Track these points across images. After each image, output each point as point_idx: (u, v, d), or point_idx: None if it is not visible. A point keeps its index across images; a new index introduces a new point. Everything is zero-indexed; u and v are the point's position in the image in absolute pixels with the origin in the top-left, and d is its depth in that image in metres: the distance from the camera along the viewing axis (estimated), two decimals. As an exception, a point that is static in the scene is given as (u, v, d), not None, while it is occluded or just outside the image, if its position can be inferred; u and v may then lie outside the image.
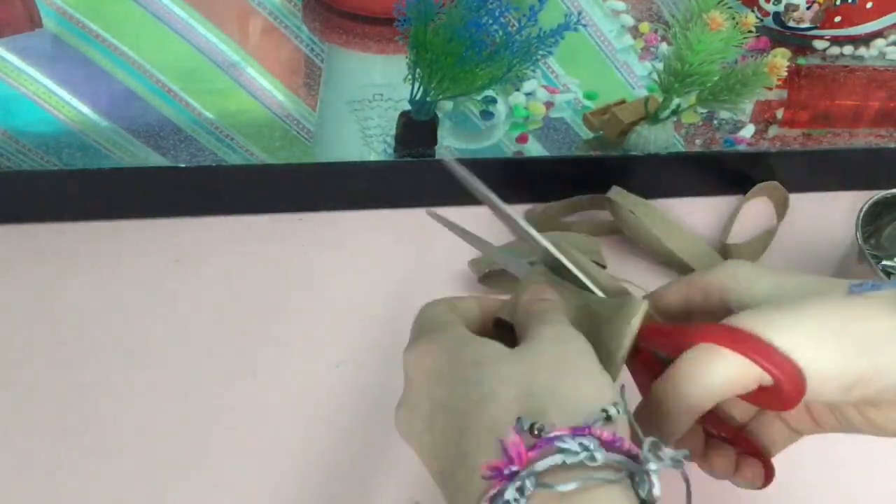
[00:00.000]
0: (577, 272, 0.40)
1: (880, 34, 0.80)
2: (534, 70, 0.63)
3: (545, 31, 0.59)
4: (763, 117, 0.72)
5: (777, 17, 0.77)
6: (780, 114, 0.72)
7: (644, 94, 0.71)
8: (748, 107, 0.73)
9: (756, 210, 0.67)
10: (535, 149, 0.67)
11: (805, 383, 0.33)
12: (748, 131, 0.70)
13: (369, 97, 0.69)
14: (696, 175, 0.67)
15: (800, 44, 0.79)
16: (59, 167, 0.61)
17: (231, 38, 0.72)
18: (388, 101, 0.69)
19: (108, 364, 0.54)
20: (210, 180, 0.61)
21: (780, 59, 0.59)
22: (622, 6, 0.79)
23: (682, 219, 0.65)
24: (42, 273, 0.58)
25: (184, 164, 0.61)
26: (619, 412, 0.30)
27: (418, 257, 0.61)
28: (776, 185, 0.67)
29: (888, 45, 0.80)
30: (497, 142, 0.68)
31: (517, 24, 0.59)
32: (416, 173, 0.64)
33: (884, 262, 0.62)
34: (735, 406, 0.41)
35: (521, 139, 0.68)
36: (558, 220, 0.64)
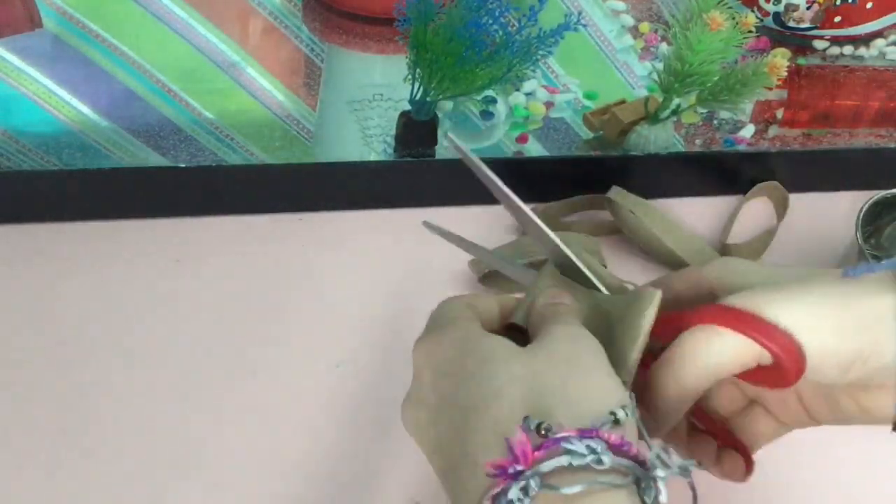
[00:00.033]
0: (584, 268, 0.40)
1: (880, 34, 0.80)
2: (534, 70, 0.63)
3: (545, 31, 0.59)
4: (763, 117, 0.72)
5: (777, 17, 0.77)
6: (780, 114, 0.72)
7: (644, 94, 0.71)
8: (748, 107, 0.72)
9: (756, 210, 0.67)
10: (535, 149, 0.67)
11: (805, 360, 0.33)
12: (748, 131, 0.70)
13: (369, 97, 0.69)
14: (696, 175, 0.67)
15: (800, 44, 0.79)
16: (59, 167, 0.61)
17: (231, 38, 0.72)
18: (388, 101, 0.69)
19: (108, 364, 0.54)
20: (210, 180, 0.61)
21: (780, 59, 0.59)
22: (622, 6, 0.79)
23: (682, 219, 0.65)
24: (42, 273, 0.58)
25: (184, 164, 0.61)
26: (627, 415, 0.30)
27: (418, 257, 0.61)
28: (776, 185, 0.67)
29: (888, 45, 0.80)
30: (497, 142, 0.68)
31: (517, 24, 0.59)
32: (416, 173, 0.64)
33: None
34: (720, 399, 0.41)
35: (521, 139, 0.68)
36: (558, 220, 0.64)
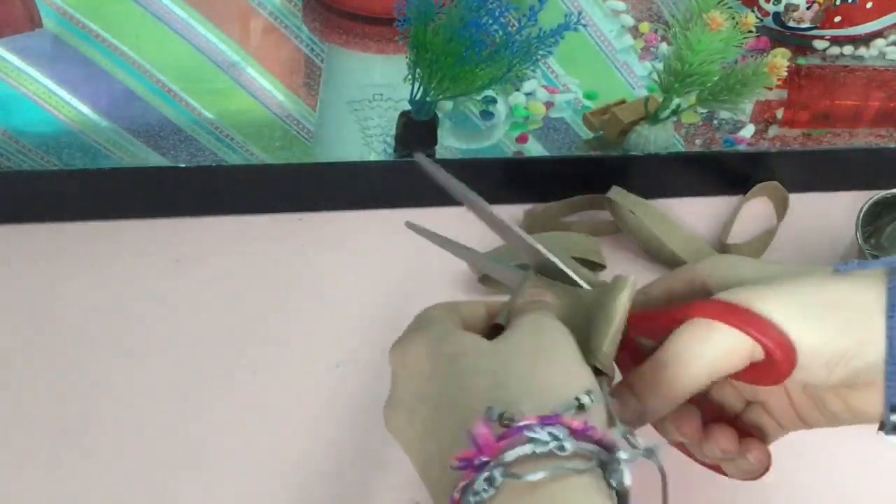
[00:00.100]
0: (565, 267, 0.40)
1: (880, 34, 0.80)
2: (534, 70, 0.63)
3: (545, 31, 0.59)
4: (763, 117, 0.72)
5: (777, 17, 0.77)
6: (780, 114, 0.72)
7: (644, 94, 0.71)
8: (748, 107, 0.72)
9: (756, 210, 0.67)
10: (535, 149, 0.67)
11: (796, 355, 0.33)
12: (748, 131, 0.70)
13: (369, 97, 0.69)
14: (696, 175, 0.67)
15: (800, 44, 0.79)
16: (59, 167, 0.61)
17: (231, 38, 0.72)
18: (388, 101, 0.69)
19: (108, 364, 0.54)
20: (210, 180, 0.61)
21: (780, 59, 0.59)
22: (622, 6, 0.79)
23: (682, 219, 0.65)
24: (42, 273, 0.58)
25: (184, 164, 0.61)
26: (592, 400, 0.30)
27: (418, 257, 0.61)
28: (776, 185, 0.67)
29: (888, 45, 0.80)
30: (497, 142, 0.68)
31: (517, 24, 0.59)
32: (416, 173, 0.63)
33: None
34: (728, 395, 0.40)
35: (521, 139, 0.68)
36: (558, 220, 0.64)
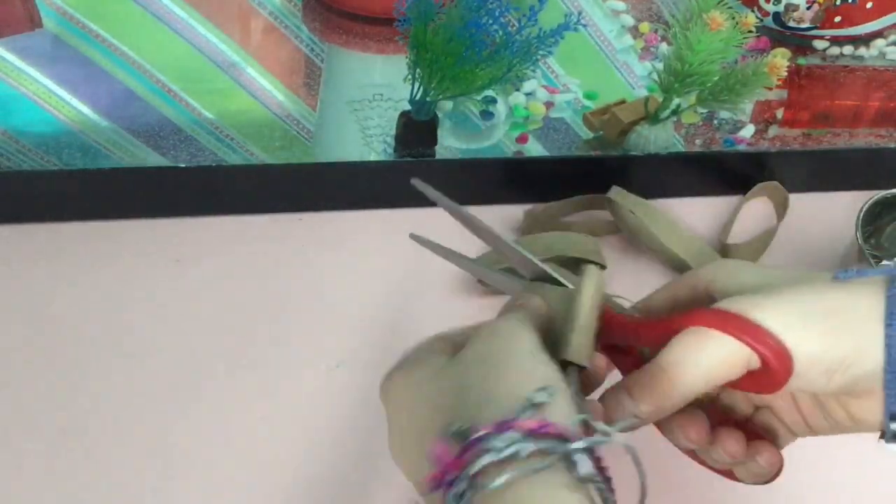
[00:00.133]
0: (554, 274, 0.40)
1: (880, 34, 0.80)
2: (534, 70, 0.63)
3: (545, 31, 0.59)
4: (763, 117, 0.72)
5: (777, 17, 0.77)
6: (780, 114, 0.72)
7: (644, 94, 0.71)
8: (748, 107, 0.72)
9: (756, 210, 0.67)
10: (535, 149, 0.67)
11: (793, 364, 0.33)
12: (748, 131, 0.70)
13: (369, 97, 0.69)
14: (696, 175, 0.67)
15: (800, 44, 0.79)
16: (59, 167, 0.61)
17: (231, 38, 0.72)
18: (388, 101, 0.69)
19: (107, 364, 0.54)
20: (210, 180, 0.61)
21: (780, 59, 0.59)
22: (622, 6, 0.79)
23: (682, 219, 0.65)
24: (42, 273, 0.58)
25: (184, 164, 0.61)
26: (549, 395, 0.31)
27: (418, 257, 0.61)
28: (776, 185, 0.67)
29: (888, 45, 0.80)
30: (497, 142, 0.68)
31: (517, 24, 0.59)
32: (416, 173, 0.63)
33: (884, 262, 0.62)
34: (737, 398, 0.40)
35: (521, 139, 0.68)
36: (558, 220, 0.64)
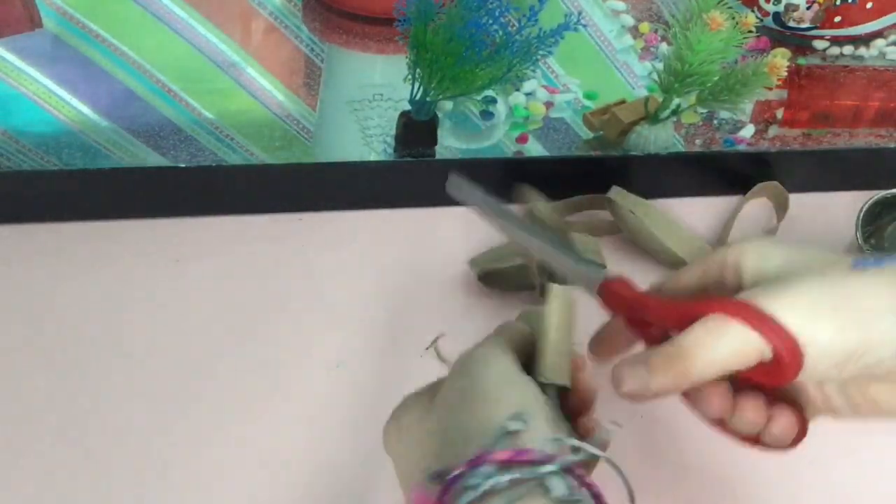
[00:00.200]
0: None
1: (880, 34, 0.80)
2: (534, 70, 0.63)
3: (545, 31, 0.59)
4: (763, 117, 0.72)
5: (777, 17, 0.77)
6: (780, 114, 0.72)
7: (644, 94, 0.71)
8: (748, 107, 0.72)
9: (756, 210, 0.67)
10: (535, 149, 0.67)
11: (803, 359, 0.34)
12: (748, 131, 0.70)
13: (369, 97, 0.69)
14: (696, 175, 0.67)
15: (800, 44, 0.79)
16: (59, 167, 0.61)
17: (231, 38, 0.72)
18: (388, 101, 0.69)
19: (107, 364, 0.54)
20: (210, 180, 0.61)
21: (780, 59, 0.59)
22: (622, 6, 0.80)
23: (682, 219, 0.65)
24: (42, 273, 0.58)
25: (184, 164, 0.61)
26: (524, 422, 0.31)
27: (418, 257, 0.61)
28: (776, 185, 0.67)
29: (888, 45, 0.80)
30: (497, 142, 0.68)
31: (517, 24, 0.59)
32: (416, 173, 0.64)
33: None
34: None
35: (521, 139, 0.68)
36: (558, 220, 0.64)
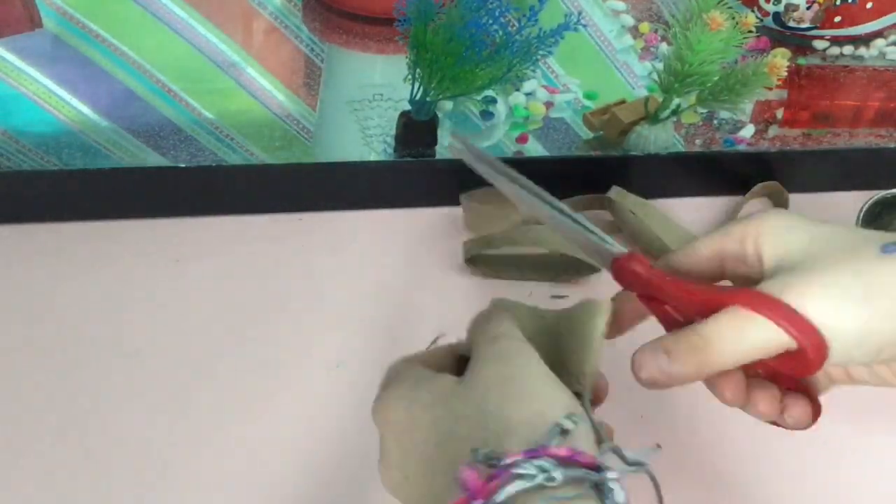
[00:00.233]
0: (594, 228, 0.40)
1: (880, 34, 0.80)
2: (534, 70, 0.63)
3: (545, 31, 0.59)
4: (763, 117, 0.72)
5: (777, 17, 0.77)
6: (780, 114, 0.72)
7: (644, 94, 0.71)
8: (748, 107, 0.73)
9: (756, 210, 0.67)
10: (535, 149, 0.67)
11: (827, 351, 0.33)
12: (748, 131, 0.70)
13: (369, 97, 0.69)
14: (696, 175, 0.67)
15: (800, 44, 0.79)
16: (59, 167, 0.61)
17: (231, 38, 0.72)
18: (388, 101, 0.69)
19: (107, 364, 0.54)
20: (210, 180, 0.61)
21: (780, 59, 0.59)
22: (622, 6, 0.80)
23: (682, 219, 0.65)
24: (42, 273, 0.58)
25: (184, 164, 0.61)
26: (576, 423, 0.30)
27: (418, 257, 0.61)
28: (776, 185, 0.67)
29: (888, 45, 0.80)
30: (497, 142, 0.68)
31: (517, 24, 0.59)
32: (416, 173, 0.64)
33: None
34: None
35: (521, 139, 0.68)
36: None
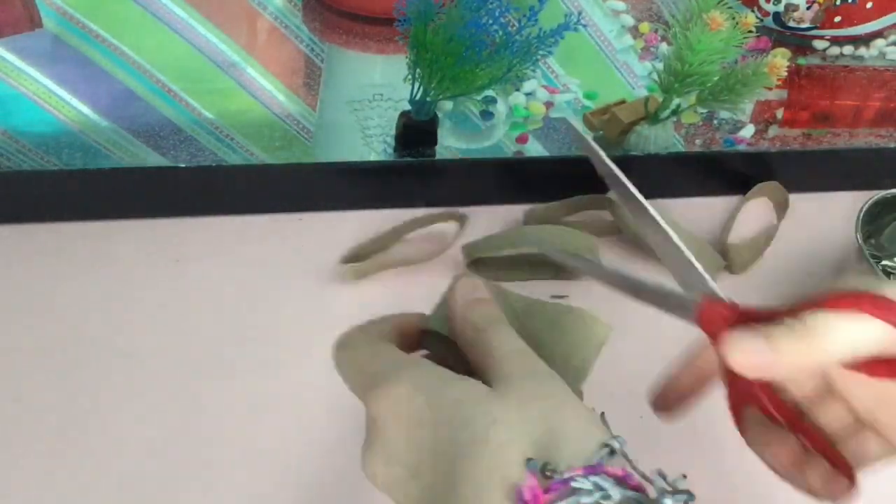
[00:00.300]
0: (692, 258, 0.39)
1: (880, 34, 0.80)
2: (534, 70, 0.63)
3: (545, 31, 0.59)
4: (763, 117, 0.72)
5: (777, 17, 0.77)
6: (780, 114, 0.72)
7: (644, 94, 0.71)
8: (748, 107, 0.73)
9: (756, 210, 0.67)
10: (535, 149, 0.67)
11: None
12: (748, 131, 0.70)
13: (369, 97, 0.69)
14: (696, 175, 0.67)
15: (800, 44, 0.79)
16: (59, 167, 0.61)
17: (231, 38, 0.72)
18: (388, 101, 0.69)
19: (107, 364, 0.54)
20: (210, 180, 0.61)
21: (780, 59, 0.59)
22: (622, 6, 0.80)
23: (682, 219, 0.65)
24: (42, 273, 0.58)
25: (184, 164, 0.61)
26: (620, 445, 0.30)
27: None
28: (776, 185, 0.67)
29: (888, 45, 0.80)
30: (497, 142, 0.68)
31: (517, 24, 0.59)
32: (416, 173, 0.64)
33: (884, 262, 0.62)
34: (826, 416, 0.39)
35: (521, 139, 0.68)
36: (558, 220, 0.64)
